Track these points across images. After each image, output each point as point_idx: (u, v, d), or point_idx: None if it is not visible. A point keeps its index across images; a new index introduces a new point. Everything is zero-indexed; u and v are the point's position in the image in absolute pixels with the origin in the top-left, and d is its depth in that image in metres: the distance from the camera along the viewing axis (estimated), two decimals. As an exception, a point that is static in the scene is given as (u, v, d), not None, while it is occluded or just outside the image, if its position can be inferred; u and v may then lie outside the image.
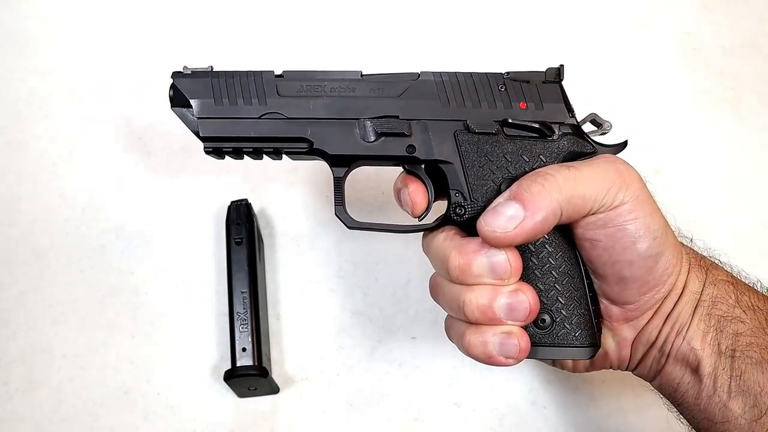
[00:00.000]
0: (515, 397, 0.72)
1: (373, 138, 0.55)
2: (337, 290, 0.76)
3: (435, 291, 0.55)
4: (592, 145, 0.54)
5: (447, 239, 0.53)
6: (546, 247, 0.52)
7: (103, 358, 0.72)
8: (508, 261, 0.49)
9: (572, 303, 0.52)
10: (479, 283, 0.50)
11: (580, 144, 0.54)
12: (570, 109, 0.54)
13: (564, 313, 0.52)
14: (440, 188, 0.56)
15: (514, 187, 0.50)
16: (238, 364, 0.67)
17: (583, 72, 0.85)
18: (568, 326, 0.52)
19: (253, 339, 0.68)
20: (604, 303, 0.54)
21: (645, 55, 0.87)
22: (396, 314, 0.75)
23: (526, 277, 0.52)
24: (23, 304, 0.74)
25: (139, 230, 0.77)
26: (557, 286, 0.52)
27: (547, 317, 0.52)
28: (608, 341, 0.55)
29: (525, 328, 0.51)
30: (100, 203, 0.78)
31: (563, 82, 0.55)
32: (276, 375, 0.71)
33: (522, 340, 0.49)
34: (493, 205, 0.50)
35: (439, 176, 0.56)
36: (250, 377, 0.67)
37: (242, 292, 0.70)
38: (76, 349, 0.73)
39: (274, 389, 0.70)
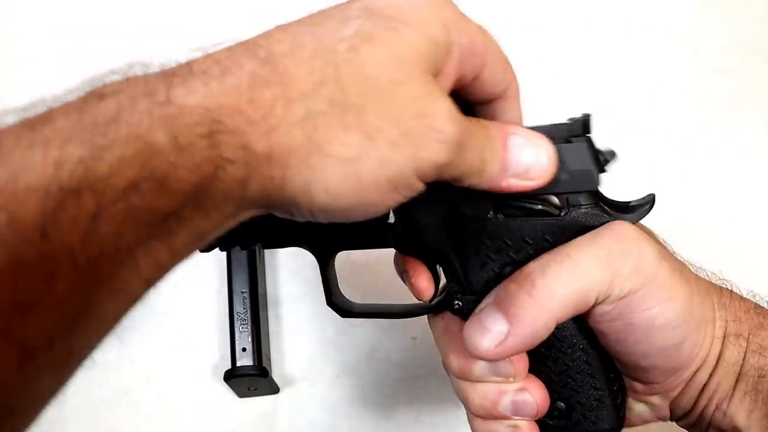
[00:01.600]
0: (515, 397, 0.72)
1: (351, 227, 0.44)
2: (337, 290, 0.76)
3: (444, 367, 0.50)
4: (610, 215, 0.44)
5: (446, 332, 0.48)
6: (556, 338, 0.46)
7: (103, 358, 0.72)
8: (510, 362, 0.44)
9: (590, 390, 0.46)
10: (482, 381, 0.45)
11: (595, 216, 0.44)
12: (601, 171, 0.43)
13: (580, 401, 0.46)
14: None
15: (500, 290, 0.43)
16: (238, 364, 0.67)
17: (582, 72, 0.85)
18: (585, 414, 0.47)
19: (253, 339, 0.68)
20: (627, 380, 0.48)
21: (645, 55, 0.87)
22: (396, 314, 0.75)
23: (537, 366, 0.46)
24: (23, 304, 0.74)
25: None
26: (570, 374, 0.46)
27: (562, 405, 0.47)
28: (641, 407, 0.49)
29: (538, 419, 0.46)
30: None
31: (592, 136, 0.44)
32: (276, 375, 0.71)
33: None
34: (477, 310, 0.44)
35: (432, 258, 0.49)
36: (250, 377, 0.67)
37: (242, 292, 0.70)
38: (76, 349, 0.73)
39: (274, 389, 0.70)
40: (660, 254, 0.42)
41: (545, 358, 0.46)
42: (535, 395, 0.45)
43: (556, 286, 0.41)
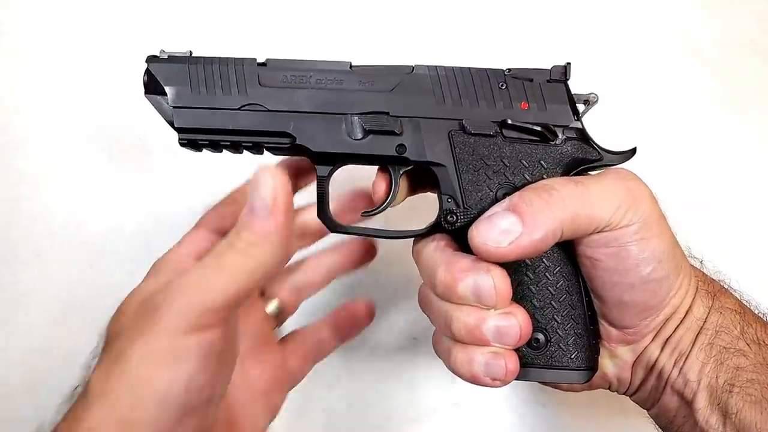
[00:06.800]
0: (515, 397, 0.72)
1: (360, 135, 0.51)
2: (337, 290, 0.75)
3: (423, 302, 0.52)
4: (598, 152, 0.50)
5: (437, 250, 0.49)
6: (543, 262, 0.49)
7: (103, 358, 0.72)
8: (494, 287, 0.45)
9: (569, 322, 0.49)
10: (464, 304, 0.46)
11: (584, 150, 0.50)
12: (576, 112, 0.50)
13: (560, 332, 0.49)
14: (429, 184, 0.53)
15: (515, 197, 0.46)
16: (239, 364, 0.67)
17: (582, 72, 0.85)
18: (563, 347, 0.49)
19: (253, 339, 0.67)
20: (602, 323, 0.50)
21: (645, 55, 0.87)
22: (396, 314, 0.75)
23: (521, 292, 0.49)
24: (23, 304, 0.74)
25: (139, 230, 0.77)
26: (553, 304, 0.49)
27: (541, 336, 0.49)
28: (606, 362, 0.52)
29: (517, 348, 0.47)
30: (100, 203, 0.78)
31: (569, 82, 0.51)
32: (276, 375, 0.71)
33: (510, 362, 0.45)
34: (488, 213, 0.46)
35: (429, 176, 0.52)
36: (251, 377, 0.67)
37: (242, 292, 0.69)
38: (76, 349, 0.73)
39: (274, 389, 0.70)
40: (654, 200, 0.47)
41: (530, 284, 0.49)
42: (519, 319, 0.46)
43: (570, 202, 0.44)
